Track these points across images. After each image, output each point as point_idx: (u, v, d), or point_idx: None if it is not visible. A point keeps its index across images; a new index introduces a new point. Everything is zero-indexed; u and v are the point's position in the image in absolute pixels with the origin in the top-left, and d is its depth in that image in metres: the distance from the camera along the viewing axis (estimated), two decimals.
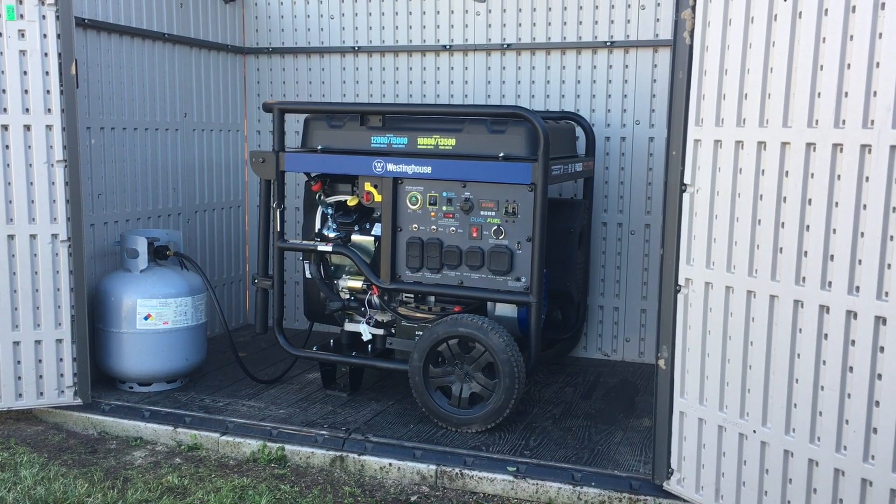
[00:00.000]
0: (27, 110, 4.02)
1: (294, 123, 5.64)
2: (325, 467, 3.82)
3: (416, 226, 4.19)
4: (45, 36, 4.00)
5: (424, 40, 5.47)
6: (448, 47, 5.41)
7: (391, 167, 4.14)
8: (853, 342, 2.65)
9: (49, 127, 4.05)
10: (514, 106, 4.42)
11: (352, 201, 4.39)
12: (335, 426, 4.06)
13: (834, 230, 2.67)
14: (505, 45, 5.28)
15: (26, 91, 4.01)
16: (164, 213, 5.29)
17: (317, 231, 4.51)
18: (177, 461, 3.88)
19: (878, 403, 2.59)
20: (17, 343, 4.13)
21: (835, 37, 2.63)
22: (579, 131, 4.98)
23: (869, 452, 2.63)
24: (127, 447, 4.04)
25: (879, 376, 2.58)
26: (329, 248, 4.31)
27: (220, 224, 5.85)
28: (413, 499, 3.55)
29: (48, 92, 4.03)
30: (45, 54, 4.01)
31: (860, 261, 2.60)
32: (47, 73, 4.02)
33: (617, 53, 5.10)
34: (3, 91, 3.98)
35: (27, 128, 4.02)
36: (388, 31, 5.54)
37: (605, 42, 5.08)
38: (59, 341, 4.19)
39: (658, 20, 4.97)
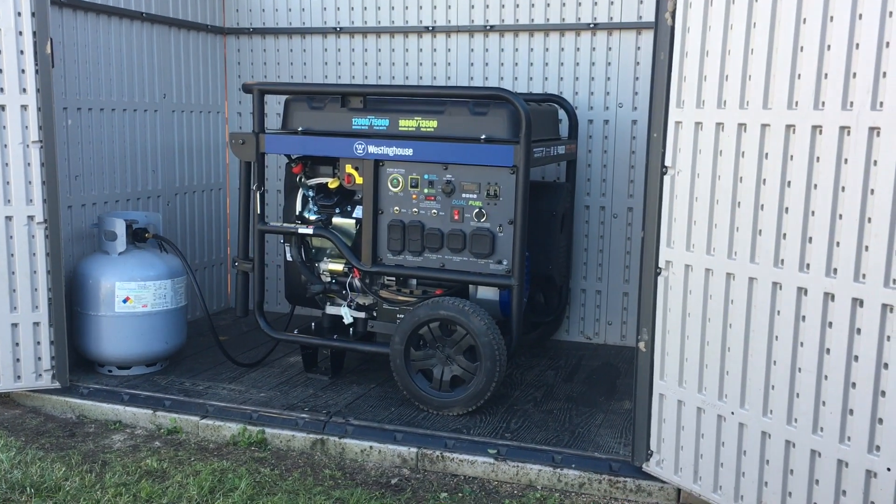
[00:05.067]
0: (1, 90, 3.95)
1: (275, 105, 5.58)
2: (306, 450, 3.81)
3: (397, 208, 4.17)
4: (19, 14, 3.93)
5: (407, 21, 5.42)
6: (431, 29, 5.36)
7: (372, 149, 4.11)
8: (830, 324, 2.66)
9: (24, 107, 3.99)
10: (496, 88, 4.41)
11: (333, 184, 4.36)
12: (316, 409, 4.04)
13: (812, 212, 2.68)
14: (488, 27, 5.25)
15: (0, 70, 3.94)
16: (143, 195, 5.23)
17: (298, 213, 4.48)
18: (156, 445, 3.86)
19: (854, 385, 2.61)
20: None
21: (815, 18, 2.62)
22: (562, 114, 4.96)
23: (845, 434, 2.64)
24: (106, 431, 4.02)
25: (856, 358, 2.59)
26: (310, 230, 4.28)
27: (201, 206, 5.80)
28: (394, 481, 3.54)
29: (23, 71, 3.97)
30: (20, 33, 3.95)
31: (838, 243, 2.61)
32: (22, 52, 3.95)
33: (600, 35, 5.07)
34: None
35: (2, 108, 3.96)
36: (371, 12, 5.49)
37: (589, 24, 5.05)
38: (36, 324, 4.15)
39: (641, 2, 4.94)
